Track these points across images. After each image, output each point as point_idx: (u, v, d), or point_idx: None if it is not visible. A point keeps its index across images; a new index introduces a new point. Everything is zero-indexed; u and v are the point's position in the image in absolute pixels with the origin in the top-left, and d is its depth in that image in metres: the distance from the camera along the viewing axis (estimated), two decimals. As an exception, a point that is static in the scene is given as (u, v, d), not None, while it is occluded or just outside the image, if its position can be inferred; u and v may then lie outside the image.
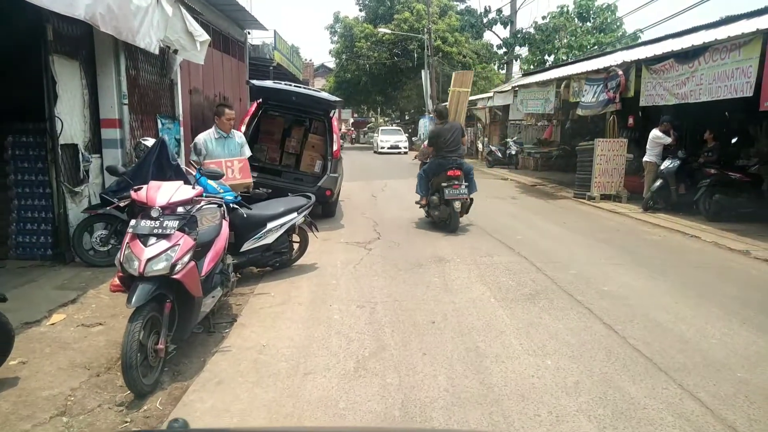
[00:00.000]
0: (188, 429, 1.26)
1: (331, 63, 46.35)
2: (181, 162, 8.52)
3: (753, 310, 4.83)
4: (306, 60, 44.46)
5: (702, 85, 8.79)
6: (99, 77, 6.67)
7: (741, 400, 3.18)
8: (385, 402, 3.21)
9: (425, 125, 35.12)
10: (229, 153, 6.53)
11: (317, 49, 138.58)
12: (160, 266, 3.41)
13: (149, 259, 3.39)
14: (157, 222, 3.53)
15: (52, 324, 4.41)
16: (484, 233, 8.19)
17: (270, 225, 5.76)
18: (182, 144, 8.90)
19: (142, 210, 3.65)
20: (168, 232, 3.51)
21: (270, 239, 5.78)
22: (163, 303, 3.49)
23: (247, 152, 6.42)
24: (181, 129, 8.97)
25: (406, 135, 35.39)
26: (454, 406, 3.13)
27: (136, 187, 3.84)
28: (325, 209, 9.51)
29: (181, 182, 4.04)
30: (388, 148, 32.12)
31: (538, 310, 4.77)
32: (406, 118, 42.56)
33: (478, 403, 3.16)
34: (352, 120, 55.53)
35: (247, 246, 5.66)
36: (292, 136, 10.46)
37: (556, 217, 9.94)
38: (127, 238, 3.52)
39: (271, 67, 18.48)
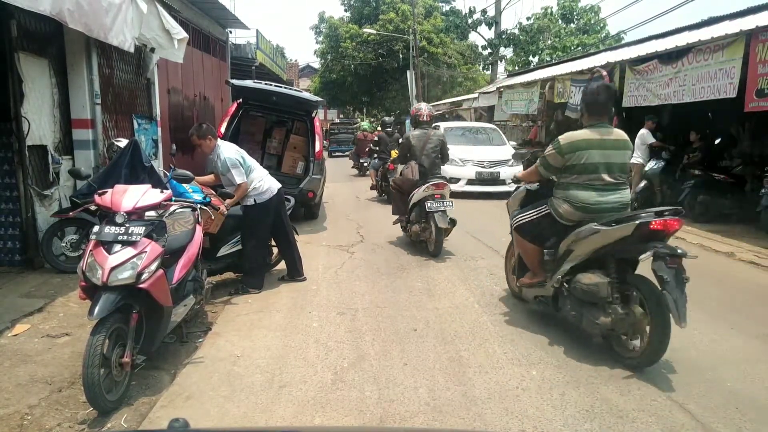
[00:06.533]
0: (188, 429, 1.23)
1: (316, 63, 46.13)
2: (160, 164, 8.33)
3: (740, 314, 4.75)
4: (291, 60, 44.15)
5: (685, 86, 8.76)
6: (70, 76, 6.42)
7: (731, 411, 3.07)
8: (363, 417, 3.06)
9: (409, 126, 35.10)
10: None
11: (303, 49, 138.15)
12: (125, 275, 3.21)
13: (113, 268, 3.19)
14: (123, 228, 3.34)
15: (15, 335, 4.19)
16: (467, 235, 8.05)
17: (247, 229, 5.56)
18: (160, 145, 8.66)
19: (107, 215, 3.47)
20: (134, 238, 3.32)
21: (247, 244, 5.59)
22: (129, 314, 3.30)
23: None
24: (159, 129, 8.73)
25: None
26: (435, 421, 2.98)
27: (100, 191, 3.64)
28: (307, 211, 9.34)
29: (149, 186, 3.85)
30: (477, 181, 12.19)
31: (522, 317, 4.65)
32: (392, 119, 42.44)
33: (461, 418, 3.01)
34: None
35: (223, 251, 5.47)
36: (273, 137, 10.26)
37: (541, 218, 9.84)
38: (90, 246, 3.32)
39: (254, 67, 18.22)
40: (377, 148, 13.32)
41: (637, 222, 3.56)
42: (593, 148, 3.86)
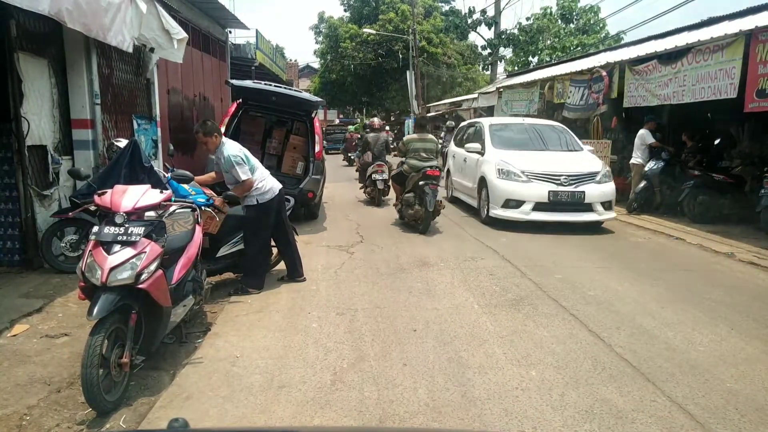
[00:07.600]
0: (188, 429, 1.23)
1: (316, 63, 46.15)
2: (159, 164, 8.32)
3: (740, 314, 4.75)
4: (291, 60, 44.16)
5: (685, 87, 8.77)
6: (69, 76, 6.41)
7: (731, 412, 3.07)
8: (362, 418, 3.06)
9: (410, 126, 35.12)
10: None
11: (303, 49, 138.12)
12: (124, 275, 3.21)
13: (113, 268, 3.19)
14: (122, 228, 3.33)
15: (14, 335, 4.18)
16: (467, 236, 8.07)
17: (247, 229, 5.56)
18: (159, 145, 8.66)
19: (107, 216, 3.46)
20: (133, 239, 3.31)
21: (247, 244, 5.59)
22: (128, 314, 3.29)
23: None
24: (159, 130, 8.72)
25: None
26: (434, 422, 2.98)
27: (100, 192, 3.63)
28: (307, 211, 9.34)
29: (149, 186, 3.84)
30: (551, 204, 8.05)
31: (522, 317, 4.65)
32: (392, 119, 42.41)
33: (460, 419, 3.01)
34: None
35: (223, 251, 5.45)
36: (273, 137, 10.26)
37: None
38: (89, 246, 3.32)
39: (253, 67, 18.19)
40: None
41: (423, 170, 8.04)
42: (416, 142, 8.54)
